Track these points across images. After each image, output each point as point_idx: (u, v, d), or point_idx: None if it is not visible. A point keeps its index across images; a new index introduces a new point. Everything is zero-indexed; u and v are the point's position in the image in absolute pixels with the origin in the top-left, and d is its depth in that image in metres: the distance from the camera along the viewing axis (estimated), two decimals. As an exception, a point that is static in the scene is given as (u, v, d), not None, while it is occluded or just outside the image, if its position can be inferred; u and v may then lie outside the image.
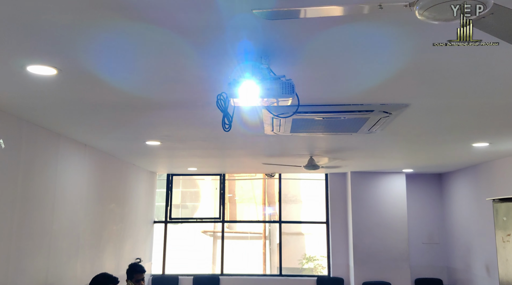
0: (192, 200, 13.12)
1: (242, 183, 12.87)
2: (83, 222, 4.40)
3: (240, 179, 12.55)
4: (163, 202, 7.53)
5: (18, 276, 3.25)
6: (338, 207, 7.07)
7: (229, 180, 11.46)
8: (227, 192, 11.15)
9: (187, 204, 12.87)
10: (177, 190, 12.35)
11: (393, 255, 6.51)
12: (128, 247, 5.83)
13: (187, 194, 13.07)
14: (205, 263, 11.41)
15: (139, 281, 4.45)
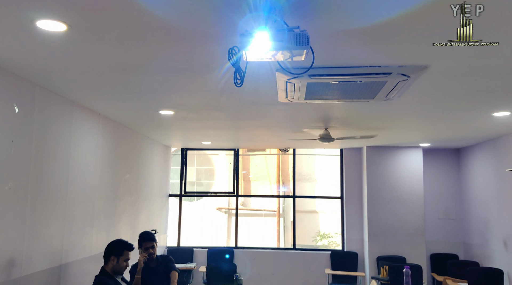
0: (206, 177, 13.19)
1: (256, 161, 12.88)
2: (97, 191, 4.43)
3: (254, 155, 12.55)
4: (178, 179, 7.56)
5: (34, 240, 3.29)
6: (353, 182, 7.01)
7: (243, 155, 11.45)
8: (241, 168, 11.18)
9: (201, 181, 12.96)
10: (192, 168, 12.44)
11: (409, 230, 6.46)
12: (143, 218, 5.89)
13: (201, 171, 13.14)
14: (220, 237, 11.51)
15: (147, 249, 4.47)
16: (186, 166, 7.46)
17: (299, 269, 6.82)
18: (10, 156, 3.00)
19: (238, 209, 7.51)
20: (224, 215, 12.48)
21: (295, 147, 7.22)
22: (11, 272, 3.01)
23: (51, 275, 3.54)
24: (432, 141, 6.23)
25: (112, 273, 3.76)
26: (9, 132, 2.99)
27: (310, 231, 11.58)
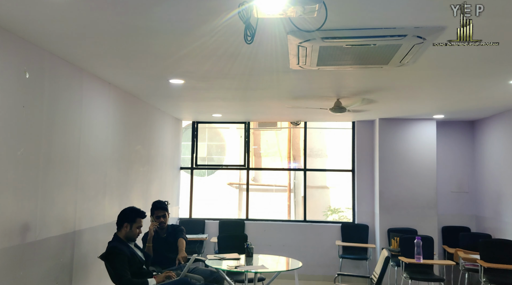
0: (217, 153, 13.24)
1: (267, 137, 12.86)
2: (109, 160, 4.46)
3: (265, 130, 12.52)
4: (189, 155, 7.58)
5: (47, 206, 3.33)
6: (365, 156, 6.95)
7: (254, 129, 11.42)
8: (252, 144, 11.17)
9: (213, 157, 13.01)
10: (203, 143, 12.48)
11: (420, 203, 6.42)
12: (155, 189, 5.93)
13: (212, 146, 13.18)
14: (231, 210, 11.61)
15: (159, 218, 4.54)
16: (197, 139, 7.46)
17: (310, 241, 6.85)
18: (22, 121, 3.01)
19: (249, 184, 7.53)
20: (235, 190, 12.56)
21: (306, 119, 7.16)
22: (26, 236, 3.06)
23: (65, 240, 3.60)
24: (446, 112, 6.12)
25: (125, 240, 3.83)
26: (20, 98, 2.99)
27: (320, 206, 11.62)
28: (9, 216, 2.89)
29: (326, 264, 6.65)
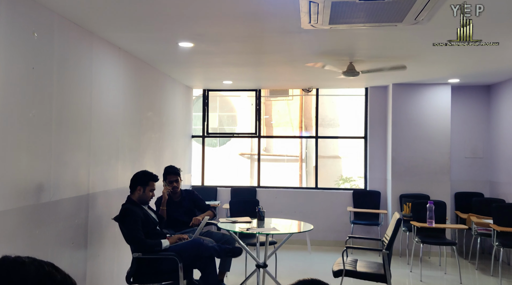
0: (229, 123, 13.24)
1: (278, 107, 12.79)
2: (121, 125, 4.47)
3: (276, 100, 12.45)
4: (200, 125, 7.57)
5: (60, 168, 3.37)
6: (378, 122, 6.88)
7: (265, 97, 11.34)
8: (263, 113, 11.11)
9: (224, 128, 13.02)
10: (214, 114, 12.47)
11: (433, 169, 6.37)
12: (167, 157, 5.97)
13: (224, 117, 13.17)
14: (243, 179, 11.68)
15: (172, 183, 4.58)
16: (208, 108, 7.44)
17: (321, 207, 6.89)
18: (32, 82, 3.01)
19: (261, 155, 7.54)
20: (247, 160, 12.61)
21: (318, 86, 7.07)
22: (40, 196, 3.11)
23: (79, 202, 3.66)
24: (461, 76, 5.98)
25: (138, 202, 3.88)
26: (30, 59, 2.99)
27: (332, 175, 11.62)
28: (24, 176, 2.93)
29: (338, 230, 6.70)
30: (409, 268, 5.58)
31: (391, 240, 3.83)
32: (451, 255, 6.10)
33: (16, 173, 2.85)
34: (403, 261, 5.99)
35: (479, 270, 5.59)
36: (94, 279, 3.93)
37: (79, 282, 3.67)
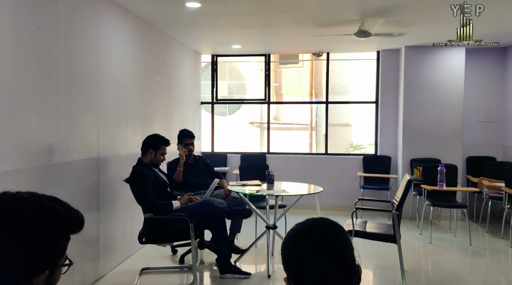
0: (238, 92, 13.15)
1: (288, 74, 12.64)
2: (129, 89, 4.45)
3: (286, 68, 12.29)
4: (209, 94, 7.51)
5: (70, 130, 3.38)
6: (389, 86, 6.77)
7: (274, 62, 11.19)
8: (273, 81, 10.99)
9: (233, 96, 12.95)
10: (223, 82, 12.36)
11: (445, 133, 6.29)
12: (177, 122, 5.96)
13: (233, 86, 13.07)
14: (252, 147, 11.70)
15: (188, 146, 4.61)
16: (216, 74, 7.36)
17: (331, 173, 6.89)
18: (39, 42, 2.98)
19: (270, 123, 7.51)
20: (256, 129, 12.59)
21: (329, 50, 6.93)
22: (51, 157, 3.14)
23: (90, 164, 3.69)
24: (476, 36, 5.79)
25: (149, 165, 3.90)
26: (35, 19, 2.95)
27: (342, 143, 11.58)
28: (34, 136, 2.95)
29: (347, 195, 6.71)
30: (418, 231, 5.61)
31: (401, 201, 3.82)
32: (461, 219, 6.11)
33: (26, 133, 2.87)
34: (412, 224, 6.00)
35: (489, 233, 5.59)
36: (107, 239, 4.01)
37: (93, 243, 3.75)
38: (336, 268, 0.92)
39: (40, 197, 0.96)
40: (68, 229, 0.96)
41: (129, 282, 3.80)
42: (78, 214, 0.99)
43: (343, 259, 0.97)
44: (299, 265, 0.96)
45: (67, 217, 0.96)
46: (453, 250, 4.98)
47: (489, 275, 4.16)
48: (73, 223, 0.97)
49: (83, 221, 0.99)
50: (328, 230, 1.00)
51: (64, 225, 0.95)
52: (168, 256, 4.58)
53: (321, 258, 0.93)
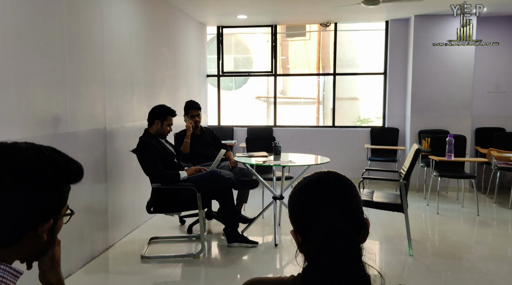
0: (244, 66, 13.03)
1: (295, 47, 12.47)
2: (134, 59, 4.41)
3: (293, 40, 12.12)
4: (215, 69, 7.42)
5: (76, 99, 3.36)
6: (398, 57, 6.65)
7: (281, 33, 11.04)
8: (279, 54, 10.85)
9: (240, 71, 12.84)
10: (229, 56, 12.23)
11: (454, 104, 6.21)
12: (183, 94, 5.93)
13: (239, 59, 12.95)
14: (259, 121, 11.67)
15: (194, 117, 4.59)
16: (222, 46, 7.27)
17: (338, 145, 6.86)
18: (41, 10, 2.94)
19: (277, 98, 7.45)
20: (263, 103, 12.52)
21: (336, 20, 6.80)
22: (58, 127, 3.14)
23: (97, 135, 3.69)
24: (488, 4, 5.64)
25: (155, 136, 3.89)
26: (37, -15, 2.90)
27: (350, 117, 11.50)
28: (40, 105, 2.94)
29: (354, 167, 6.69)
30: (425, 202, 5.60)
31: (409, 170, 3.80)
32: (469, 190, 6.09)
33: (32, 102, 2.86)
34: (420, 196, 6.00)
35: (497, 203, 5.57)
36: (116, 210, 4.05)
37: (101, 214, 3.79)
38: (344, 220, 0.90)
39: (38, 147, 0.94)
40: (69, 179, 0.96)
41: (138, 251, 3.86)
42: (77, 164, 0.98)
43: (351, 211, 0.95)
44: (305, 216, 0.94)
45: (67, 167, 0.95)
46: (460, 220, 4.98)
47: (496, 245, 4.17)
48: (73, 172, 0.96)
49: (82, 171, 0.99)
50: (336, 182, 0.99)
51: (64, 175, 0.94)
52: (177, 227, 4.63)
53: (329, 210, 0.92)
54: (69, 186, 0.98)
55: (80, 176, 0.99)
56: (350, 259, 0.86)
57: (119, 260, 3.72)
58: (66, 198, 0.98)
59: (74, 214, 1.01)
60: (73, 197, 3.04)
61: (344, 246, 0.87)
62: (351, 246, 0.88)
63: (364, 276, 0.87)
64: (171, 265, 3.57)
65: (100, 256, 3.73)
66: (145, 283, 3.27)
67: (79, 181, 0.99)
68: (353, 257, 0.87)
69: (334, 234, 0.88)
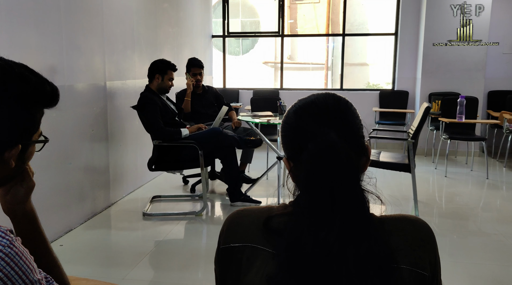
0: (252, 30, 12.73)
1: (304, 10, 12.12)
2: (135, 13, 4.25)
3: (301, 3, 11.76)
4: (221, 32, 7.20)
5: (73, 50, 3.24)
6: (410, 16, 6.38)
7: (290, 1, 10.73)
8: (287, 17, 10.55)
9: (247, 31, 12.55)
10: (236, 19, 11.92)
11: (467, 66, 5.99)
12: (187, 54, 5.77)
13: (246, 23, 12.64)
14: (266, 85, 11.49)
15: (195, 75, 4.44)
16: (228, 6, 7.03)
17: (346, 108, 6.70)
18: (33, -48, 2.78)
19: (284, 63, 7.25)
20: (270, 69, 12.29)
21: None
22: (54, 79, 3.03)
23: (96, 90, 3.59)
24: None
25: (157, 91, 3.79)
26: None
27: (359, 82, 11.27)
28: (33, 55, 2.83)
29: (362, 131, 6.56)
30: (434, 166, 5.49)
31: (418, 128, 3.67)
32: (479, 155, 5.95)
33: (24, 50, 2.75)
34: (428, 160, 5.88)
35: (507, 167, 5.45)
36: (117, 168, 4.00)
37: (102, 172, 3.74)
38: (343, 141, 0.79)
39: (7, 62, 0.85)
40: (41, 101, 0.86)
41: (140, 208, 3.83)
42: (53, 86, 0.89)
43: (351, 133, 0.85)
44: (299, 138, 0.84)
45: (40, 88, 0.86)
46: (468, 183, 4.87)
47: (505, 208, 4.07)
48: (46, 94, 0.87)
49: (58, 94, 0.90)
50: (335, 103, 0.88)
51: (35, 96, 0.84)
52: (180, 186, 4.59)
53: (325, 131, 0.80)
54: (42, 110, 0.89)
55: (55, 99, 0.90)
56: (347, 180, 0.76)
57: (121, 217, 3.69)
58: (38, 123, 0.89)
59: (48, 142, 0.92)
60: (72, 153, 2.96)
61: (341, 165, 0.76)
62: (349, 167, 0.76)
63: (362, 199, 0.77)
64: (172, 222, 3.53)
65: (101, 213, 3.70)
66: (146, 239, 3.25)
67: (54, 106, 0.90)
68: (350, 179, 0.76)
69: (330, 152, 0.76)
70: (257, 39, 12.54)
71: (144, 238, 3.27)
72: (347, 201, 0.74)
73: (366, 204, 0.77)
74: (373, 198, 0.79)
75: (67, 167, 3.19)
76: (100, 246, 3.10)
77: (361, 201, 0.76)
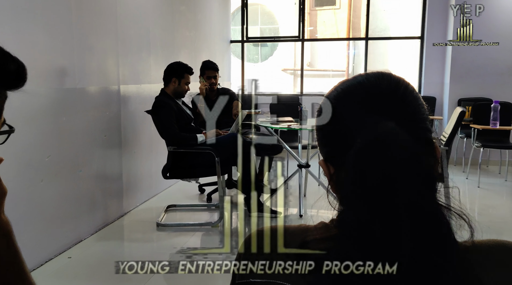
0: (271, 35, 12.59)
1: (324, 17, 11.94)
2: (151, 15, 4.11)
3: (322, 10, 11.58)
4: (239, 37, 7.04)
5: (85, 52, 3.10)
6: (437, 18, 6.10)
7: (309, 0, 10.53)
8: (307, 23, 10.35)
9: (266, 36, 12.42)
10: (255, 27, 11.80)
11: (499, 69, 5.66)
12: (204, 59, 5.60)
13: (266, 30, 12.51)
14: (286, 91, 11.29)
15: (210, 79, 4.26)
16: (247, 12, 6.86)
17: (369, 115, 6.43)
18: None
19: (305, 70, 7.04)
20: (289, 76, 12.10)
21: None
22: (64, 81, 2.88)
23: (109, 94, 3.44)
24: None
25: (173, 96, 3.62)
26: None
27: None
28: (42, 56, 2.68)
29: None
30: (465, 176, 5.17)
31: (452, 135, 3.40)
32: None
33: (32, 50, 2.60)
34: (458, 169, 5.56)
35: (544, 178, 5.09)
36: (131, 176, 3.82)
37: (115, 180, 3.57)
38: (404, 132, 0.56)
39: None
40: (3, 83, 0.67)
41: (154, 218, 3.63)
42: (19, 64, 0.69)
43: (414, 125, 0.62)
44: (344, 132, 0.61)
45: (1, 66, 0.66)
46: (503, 194, 4.55)
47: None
48: (9, 74, 0.67)
49: (25, 74, 0.69)
50: (391, 86, 0.64)
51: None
52: (195, 195, 4.39)
53: (380, 119, 0.58)
54: (5, 92, 0.69)
55: (21, 80, 0.70)
56: (418, 190, 0.53)
57: (134, 227, 3.50)
58: (1, 109, 0.70)
59: (13, 132, 0.72)
60: (83, 160, 2.71)
61: (407, 166, 0.52)
62: (419, 169, 0.53)
63: (443, 220, 0.54)
64: (188, 233, 3.33)
65: (113, 223, 3.52)
66: (160, 250, 3.05)
67: (19, 88, 0.70)
68: (422, 188, 0.53)
69: (389, 148, 0.53)
70: (276, 47, 12.38)
71: (158, 250, 3.08)
72: (419, 222, 0.52)
73: (449, 226, 0.54)
74: (454, 217, 0.56)
75: (77, 174, 3.02)
76: (111, 259, 2.91)
77: (441, 221, 0.53)
